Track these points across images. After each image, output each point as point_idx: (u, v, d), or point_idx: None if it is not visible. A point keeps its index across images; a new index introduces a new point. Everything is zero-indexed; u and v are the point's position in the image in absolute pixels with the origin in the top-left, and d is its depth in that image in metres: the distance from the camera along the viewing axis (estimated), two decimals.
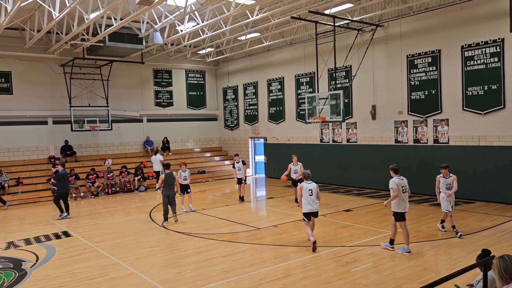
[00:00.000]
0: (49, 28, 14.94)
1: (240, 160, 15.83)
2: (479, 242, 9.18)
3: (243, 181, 15.61)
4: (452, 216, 9.95)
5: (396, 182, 8.65)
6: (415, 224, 11.01)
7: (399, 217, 8.66)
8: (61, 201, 13.69)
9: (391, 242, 8.90)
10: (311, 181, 9.27)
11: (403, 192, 8.66)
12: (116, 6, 12.68)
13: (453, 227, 9.80)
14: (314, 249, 8.89)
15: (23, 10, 14.76)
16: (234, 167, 15.80)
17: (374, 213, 12.72)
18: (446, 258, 8.28)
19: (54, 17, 13.39)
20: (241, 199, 15.59)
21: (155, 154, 20.39)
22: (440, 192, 10.08)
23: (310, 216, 9.24)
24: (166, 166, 12.91)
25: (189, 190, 14.14)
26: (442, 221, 10.27)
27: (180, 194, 13.83)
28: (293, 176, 14.43)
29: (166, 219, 12.23)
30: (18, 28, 18.05)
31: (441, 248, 8.91)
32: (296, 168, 14.38)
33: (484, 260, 4.41)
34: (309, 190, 9.13)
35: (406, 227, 8.65)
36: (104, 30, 15.44)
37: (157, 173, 19.57)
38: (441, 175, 10.09)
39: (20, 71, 19.54)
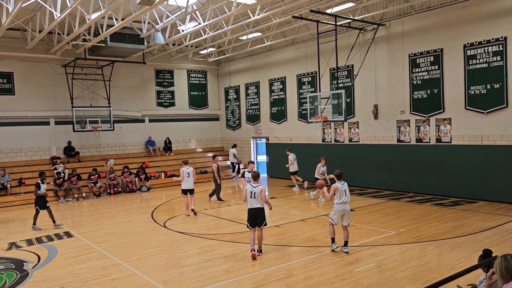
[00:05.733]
0: (50, 28, 14.93)
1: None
2: (482, 242, 9.13)
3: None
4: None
5: None
6: (417, 224, 10.98)
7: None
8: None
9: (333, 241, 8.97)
10: (189, 166, 13.14)
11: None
12: (117, 6, 12.68)
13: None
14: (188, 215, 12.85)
15: (24, 10, 14.76)
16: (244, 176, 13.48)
17: (376, 213, 12.68)
18: (449, 258, 8.22)
19: (56, 18, 13.40)
20: None
21: (232, 148, 22.57)
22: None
23: (186, 191, 12.99)
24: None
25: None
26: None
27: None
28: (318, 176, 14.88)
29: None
30: (19, 29, 18.07)
31: (444, 248, 8.87)
32: (324, 170, 15.09)
33: (488, 260, 4.39)
34: (187, 173, 12.94)
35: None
36: (106, 30, 15.45)
37: (232, 164, 22.64)
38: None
39: (22, 72, 19.56)
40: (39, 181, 12.51)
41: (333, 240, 8.87)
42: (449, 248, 8.84)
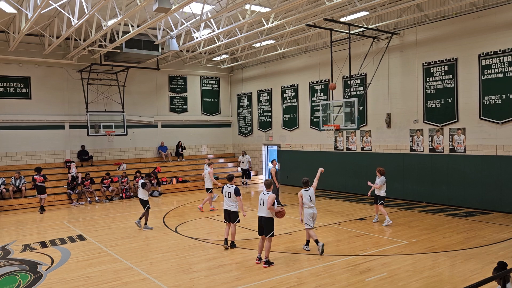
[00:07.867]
0: (67, 34, 15.23)
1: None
2: (497, 253, 9.01)
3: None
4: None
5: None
6: (430, 234, 10.86)
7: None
8: None
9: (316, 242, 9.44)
10: (207, 167, 14.80)
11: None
12: (133, 14, 12.87)
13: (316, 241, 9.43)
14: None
15: (43, 16, 15.07)
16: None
17: None
18: (463, 269, 8.13)
19: (73, 24, 13.65)
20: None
21: (244, 155, 22.66)
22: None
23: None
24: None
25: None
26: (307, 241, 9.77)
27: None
28: (377, 192, 12.41)
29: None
30: (38, 35, 18.42)
31: (457, 259, 8.77)
32: (379, 182, 12.35)
33: (503, 272, 4.34)
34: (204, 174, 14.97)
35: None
36: (121, 36, 15.68)
37: (243, 170, 22.76)
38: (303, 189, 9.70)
39: (39, 77, 19.92)
40: (144, 181, 12.39)
41: (317, 241, 9.38)
42: (462, 259, 8.74)
